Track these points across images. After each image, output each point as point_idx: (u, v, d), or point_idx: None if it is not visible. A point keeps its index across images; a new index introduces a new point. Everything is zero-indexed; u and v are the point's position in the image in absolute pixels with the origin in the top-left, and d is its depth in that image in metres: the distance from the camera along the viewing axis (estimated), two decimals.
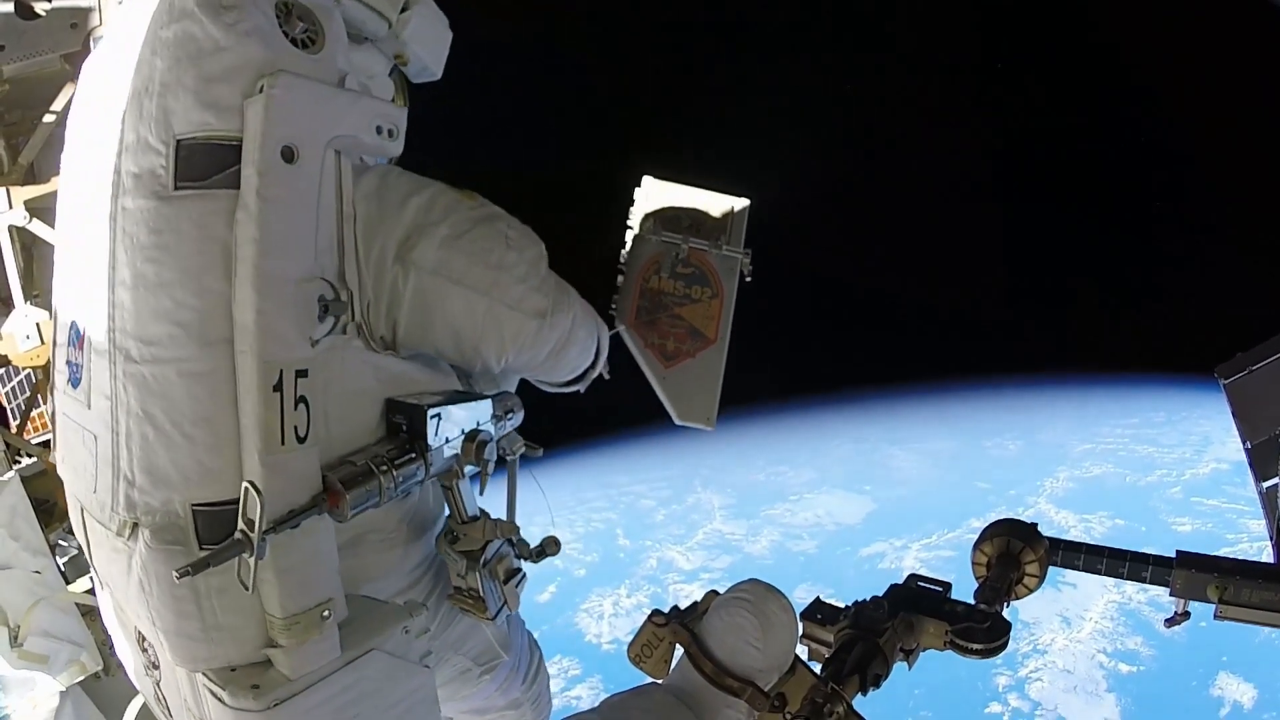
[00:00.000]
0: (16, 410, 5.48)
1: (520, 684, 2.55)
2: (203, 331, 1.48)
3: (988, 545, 2.04)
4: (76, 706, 2.24)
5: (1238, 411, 2.60)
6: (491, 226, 1.89)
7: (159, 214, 1.48)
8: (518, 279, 1.89)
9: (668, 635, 1.74)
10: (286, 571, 1.52)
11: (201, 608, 1.53)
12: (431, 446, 1.79)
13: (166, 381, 1.49)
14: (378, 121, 1.68)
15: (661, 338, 2.14)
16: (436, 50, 2.10)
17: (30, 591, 2.39)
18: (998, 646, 1.69)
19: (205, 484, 1.51)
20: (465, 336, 1.90)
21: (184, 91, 1.47)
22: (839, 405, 62.45)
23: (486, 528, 2.02)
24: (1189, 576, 2.03)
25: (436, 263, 1.80)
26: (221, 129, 1.48)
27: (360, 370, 1.76)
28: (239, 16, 1.46)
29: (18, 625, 2.29)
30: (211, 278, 1.48)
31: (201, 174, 1.48)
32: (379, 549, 1.95)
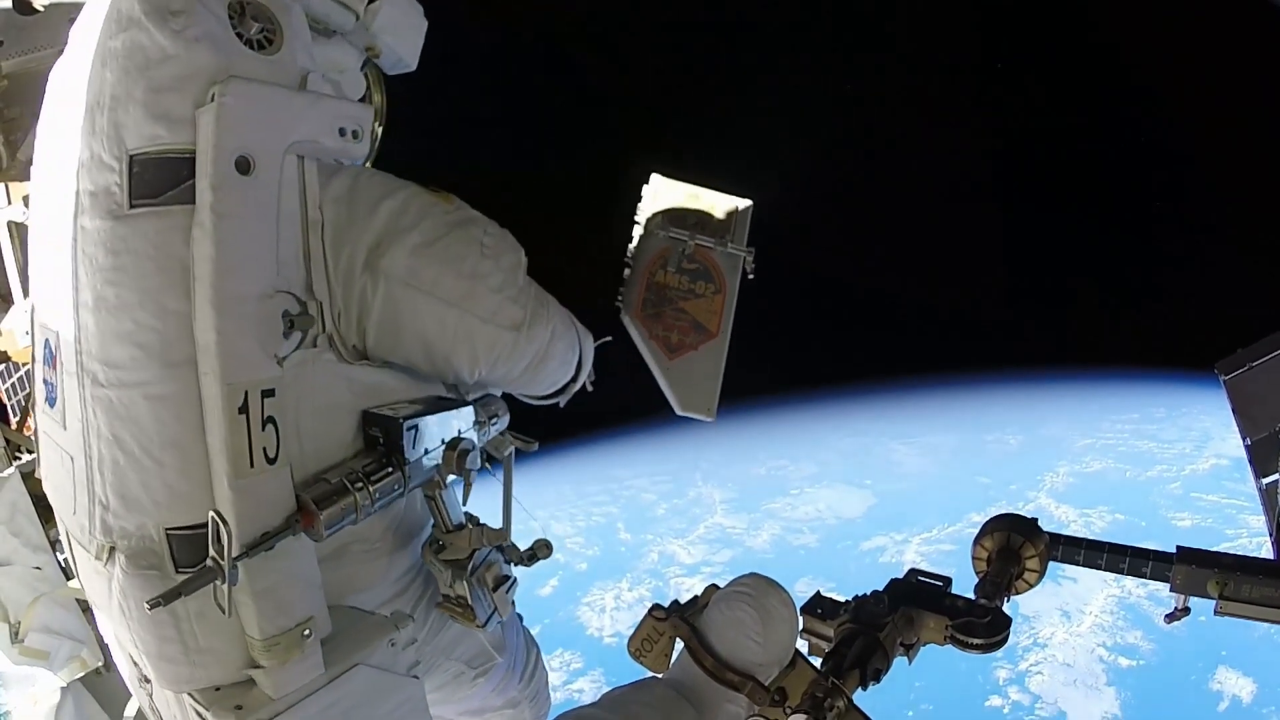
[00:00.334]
0: (16, 406, 5.44)
1: (517, 682, 2.51)
2: (165, 353, 1.43)
3: (988, 540, 2.03)
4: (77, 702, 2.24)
5: (1238, 408, 2.59)
6: (466, 232, 1.80)
7: (115, 234, 1.42)
8: (492, 289, 1.80)
9: (668, 629, 1.73)
10: (263, 594, 1.48)
11: (181, 631, 1.50)
12: (409, 459, 1.71)
13: (133, 405, 1.44)
14: (340, 123, 1.60)
15: (666, 330, 2.18)
16: (410, 41, 2.03)
17: (31, 587, 2.39)
18: (998, 641, 1.67)
19: (177, 508, 1.47)
20: (436, 348, 1.81)
21: (134, 104, 1.39)
22: (839, 401, 62.42)
23: (473, 536, 1.94)
24: (1189, 572, 2.02)
25: (407, 271, 1.72)
26: (174, 142, 1.40)
27: (332, 384, 1.69)
28: (187, 22, 1.39)
29: (18, 621, 2.29)
30: (171, 298, 1.41)
31: (156, 190, 1.41)
32: (363, 559, 1.89)
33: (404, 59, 2.04)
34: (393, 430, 1.69)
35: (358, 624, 1.72)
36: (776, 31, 69.86)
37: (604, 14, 45.79)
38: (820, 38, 67.32)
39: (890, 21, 63.43)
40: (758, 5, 62.17)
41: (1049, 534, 2.05)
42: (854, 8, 57.66)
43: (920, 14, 60.64)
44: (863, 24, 63.95)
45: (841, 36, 65.44)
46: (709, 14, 60.42)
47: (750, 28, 68.82)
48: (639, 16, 50.95)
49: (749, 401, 53.99)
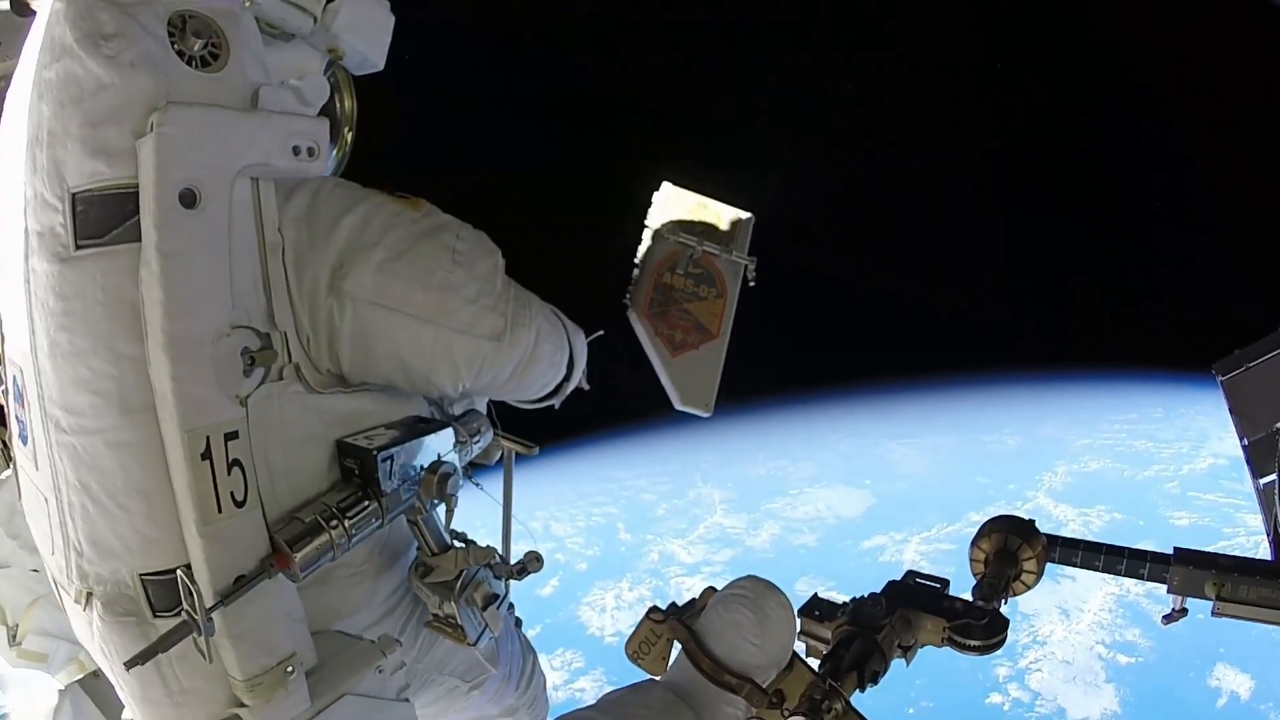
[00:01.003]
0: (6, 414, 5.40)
1: (514, 690, 2.47)
2: (123, 400, 1.36)
3: (985, 542, 2.03)
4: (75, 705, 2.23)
5: (1235, 408, 2.58)
6: (435, 241, 1.71)
7: (63, 278, 1.33)
8: (466, 300, 1.71)
9: (665, 632, 1.72)
10: (241, 637, 1.43)
11: (163, 674, 1.46)
12: (386, 491, 1.64)
13: (96, 452, 1.39)
14: (294, 141, 1.49)
15: (670, 329, 2.25)
16: (375, 39, 1.92)
17: (28, 590, 2.37)
18: (995, 643, 1.67)
19: (150, 553, 1.41)
20: (414, 367, 1.73)
21: (71, 140, 1.30)
22: (838, 401, 62.44)
23: (459, 557, 1.87)
24: (1186, 573, 2.01)
25: (373, 290, 1.62)
26: (115, 177, 1.31)
27: (302, 417, 1.61)
28: (121, 45, 1.28)
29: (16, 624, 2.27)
30: (124, 343, 1.34)
31: (101, 229, 1.32)
32: (349, 584, 1.83)
33: (370, 58, 1.94)
34: (367, 462, 1.62)
35: (344, 652, 1.68)
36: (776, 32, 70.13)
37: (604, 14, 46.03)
38: (820, 38, 67.61)
39: (890, 21, 63.65)
40: (758, 5, 62.51)
41: (1046, 535, 2.04)
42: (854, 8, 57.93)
43: (920, 14, 60.83)
44: (863, 24, 64.24)
45: (841, 36, 65.70)
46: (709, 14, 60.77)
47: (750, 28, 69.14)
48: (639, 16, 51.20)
49: (748, 402, 54.00)
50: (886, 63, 68.94)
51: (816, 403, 62.87)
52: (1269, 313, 2.58)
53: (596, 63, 52.06)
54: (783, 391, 61.53)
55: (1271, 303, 4.33)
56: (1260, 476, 2.43)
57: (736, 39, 67.83)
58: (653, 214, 2.37)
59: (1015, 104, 73.01)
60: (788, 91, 73.93)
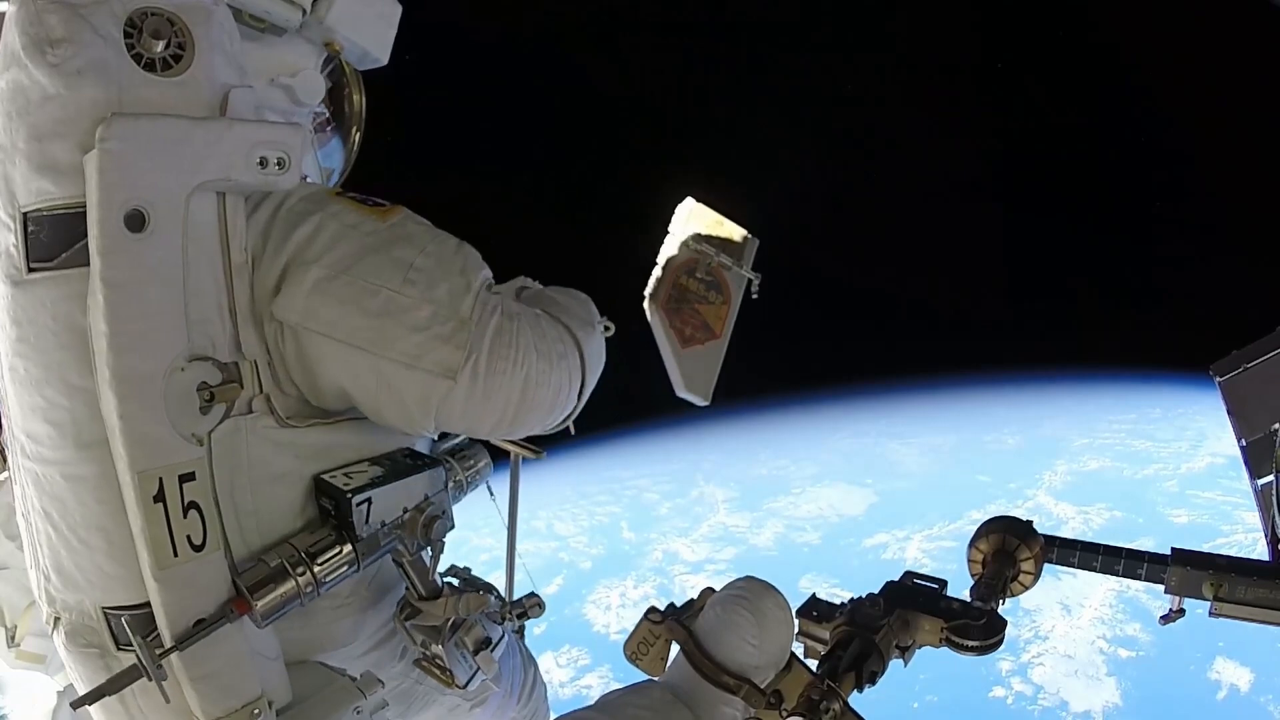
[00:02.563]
0: None
1: (515, 705, 2.40)
2: (77, 434, 1.27)
3: (983, 542, 2.02)
4: None
5: (1232, 409, 2.57)
6: (386, 255, 1.45)
7: (17, 302, 1.26)
8: (412, 327, 1.43)
9: (664, 632, 1.72)
10: (204, 679, 1.33)
11: (127, 706, 1.38)
12: (362, 535, 1.48)
13: (55, 483, 1.31)
14: (261, 151, 1.33)
15: (682, 324, 2.47)
16: (376, 32, 1.76)
17: (27, 591, 2.35)
18: (993, 643, 1.67)
19: (111, 588, 1.33)
20: (361, 401, 1.53)
21: (18, 155, 1.21)
22: (838, 401, 62.35)
23: (449, 604, 1.69)
24: (1184, 574, 2.00)
25: (304, 314, 1.42)
26: (63, 196, 1.20)
27: (274, 454, 1.48)
28: (69, 51, 1.17)
29: (14, 625, 2.26)
30: (75, 374, 1.25)
31: (51, 252, 1.22)
32: (333, 618, 1.70)
33: (370, 53, 1.77)
34: (342, 504, 1.47)
35: (322, 690, 1.58)
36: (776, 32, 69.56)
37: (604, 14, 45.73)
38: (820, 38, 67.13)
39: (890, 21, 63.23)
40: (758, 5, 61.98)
41: (1044, 536, 2.04)
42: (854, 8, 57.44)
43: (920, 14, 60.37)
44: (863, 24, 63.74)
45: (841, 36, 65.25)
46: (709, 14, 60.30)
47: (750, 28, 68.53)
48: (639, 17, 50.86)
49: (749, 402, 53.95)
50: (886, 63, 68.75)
51: (817, 402, 62.77)
52: (1267, 314, 2.57)
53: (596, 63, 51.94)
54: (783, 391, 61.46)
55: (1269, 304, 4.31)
56: (1258, 477, 2.42)
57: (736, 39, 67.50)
58: (676, 223, 2.56)
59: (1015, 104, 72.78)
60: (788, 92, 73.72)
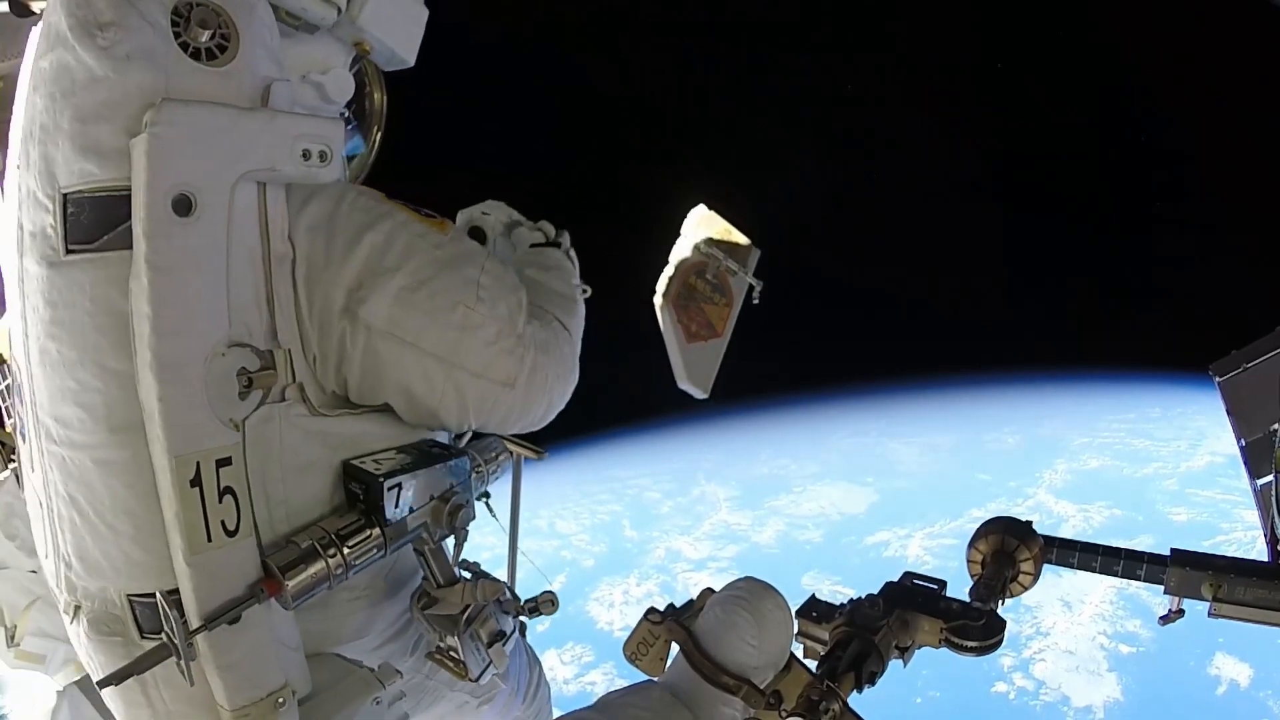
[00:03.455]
0: (10, 410, 5.35)
1: (520, 704, 2.42)
2: (109, 417, 1.26)
3: (982, 543, 2.01)
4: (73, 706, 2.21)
5: (1232, 409, 2.57)
6: (458, 274, 1.56)
7: (52, 283, 1.25)
8: (485, 342, 1.58)
9: (663, 633, 1.71)
10: (229, 668, 1.34)
11: (149, 696, 1.39)
12: (391, 520, 1.52)
13: (84, 468, 1.30)
14: (304, 144, 1.36)
15: (689, 320, 2.62)
16: (406, 34, 1.77)
17: (27, 591, 2.36)
18: (992, 644, 1.65)
19: (137, 575, 1.32)
20: (421, 402, 1.61)
21: (61, 136, 1.21)
22: (838, 401, 62.31)
23: (467, 592, 1.72)
24: (1183, 574, 1.99)
25: (388, 320, 1.50)
26: (107, 178, 1.21)
27: (305, 441, 1.50)
28: (118, 35, 1.18)
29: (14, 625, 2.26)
30: (111, 357, 1.25)
31: (92, 234, 1.22)
32: (350, 609, 1.72)
33: (399, 54, 1.79)
34: (372, 488, 1.50)
35: (341, 680, 1.58)
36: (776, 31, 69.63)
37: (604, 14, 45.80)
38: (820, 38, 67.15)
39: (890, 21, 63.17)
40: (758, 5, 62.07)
41: (1044, 537, 2.03)
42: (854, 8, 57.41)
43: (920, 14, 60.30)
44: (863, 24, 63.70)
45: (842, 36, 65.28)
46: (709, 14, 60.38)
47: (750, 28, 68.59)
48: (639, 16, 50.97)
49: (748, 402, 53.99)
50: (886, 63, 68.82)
51: (816, 402, 62.76)
52: (1267, 314, 2.56)
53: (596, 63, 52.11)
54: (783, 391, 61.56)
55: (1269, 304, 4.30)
56: (1257, 477, 2.41)
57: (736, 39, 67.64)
58: (688, 226, 2.74)
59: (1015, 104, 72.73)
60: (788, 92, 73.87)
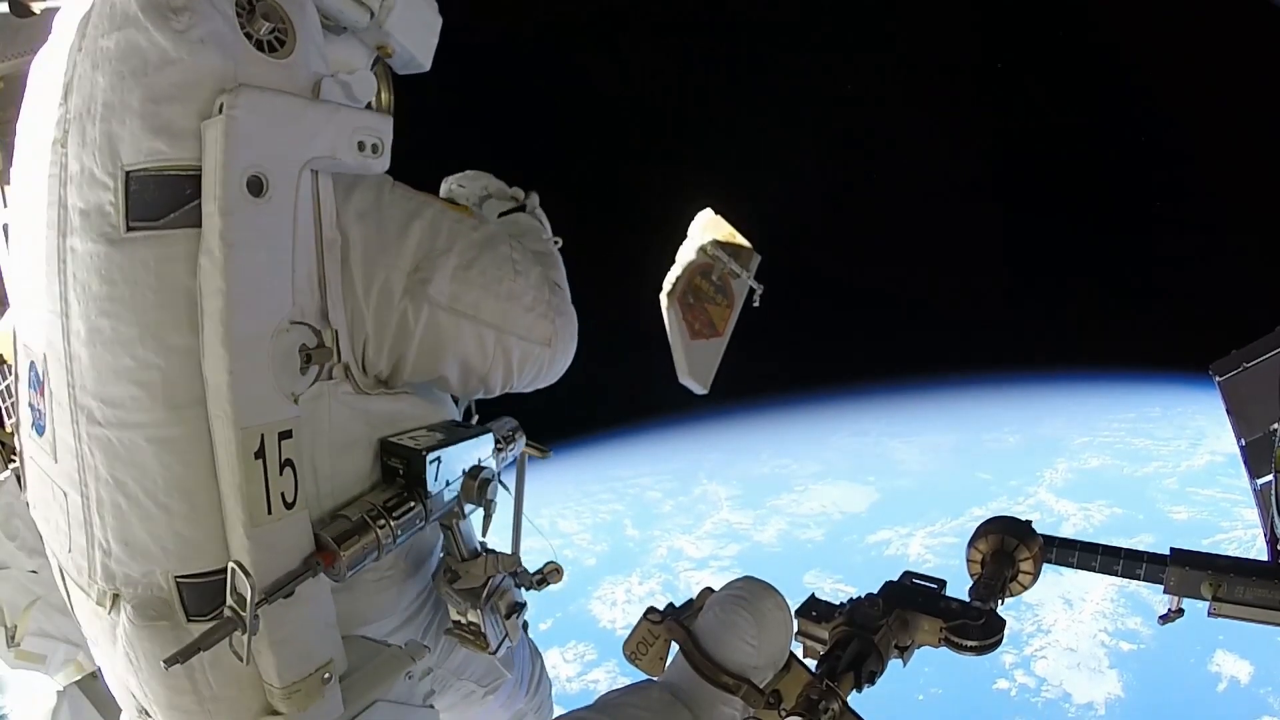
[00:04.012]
0: (10, 409, 5.35)
1: (524, 695, 2.45)
2: (170, 394, 1.27)
3: (982, 542, 2.00)
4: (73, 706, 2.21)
5: (1232, 408, 2.56)
6: (496, 251, 1.74)
7: (110, 260, 1.25)
8: (526, 308, 1.78)
9: (663, 632, 1.71)
10: (282, 643, 1.35)
11: (195, 681, 1.39)
12: (431, 492, 1.61)
13: (135, 448, 1.29)
14: (360, 136, 1.44)
15: (692, 318, 2.70)
16: (424, 40, 1.83)
17: (27, 591, 2.35)
18: (992, 644, 1.65)
19: (187, 556, 1.33)
20: (474, 368, 1.76)
21: (130, 114, 1.22)
22: (839, 401, 62.30)
23: (488, 564, 1.86)
24: (1183, 574, 1.98)
25: (451, 297, 1.64)
26: (176, 158, 1.23)
27: (350, 419, 1.57)
28: (191, 20, 1.22)
29: (14, 625, 2.26)
30: (176, 333, 1.26)
31: (156, 212, 1.24)
32: (375, 590, 1.78)
33: (417, 58, 1.86)
34: (414, 462, 1.59)
35: (373, 658, 1.62)
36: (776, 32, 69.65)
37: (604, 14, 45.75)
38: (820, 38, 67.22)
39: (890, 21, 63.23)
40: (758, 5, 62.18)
41: (1043, 536, 2.01)
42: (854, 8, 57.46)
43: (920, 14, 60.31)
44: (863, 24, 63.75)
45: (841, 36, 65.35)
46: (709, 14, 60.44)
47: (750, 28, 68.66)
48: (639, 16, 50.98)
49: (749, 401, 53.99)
50: (886, 63, 68.82)
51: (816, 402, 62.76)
52: (1266, 314, 2.55)
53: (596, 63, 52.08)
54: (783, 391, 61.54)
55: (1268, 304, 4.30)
56: (1257, 477, 2.40)
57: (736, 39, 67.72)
58: (694, 229, 2.84)
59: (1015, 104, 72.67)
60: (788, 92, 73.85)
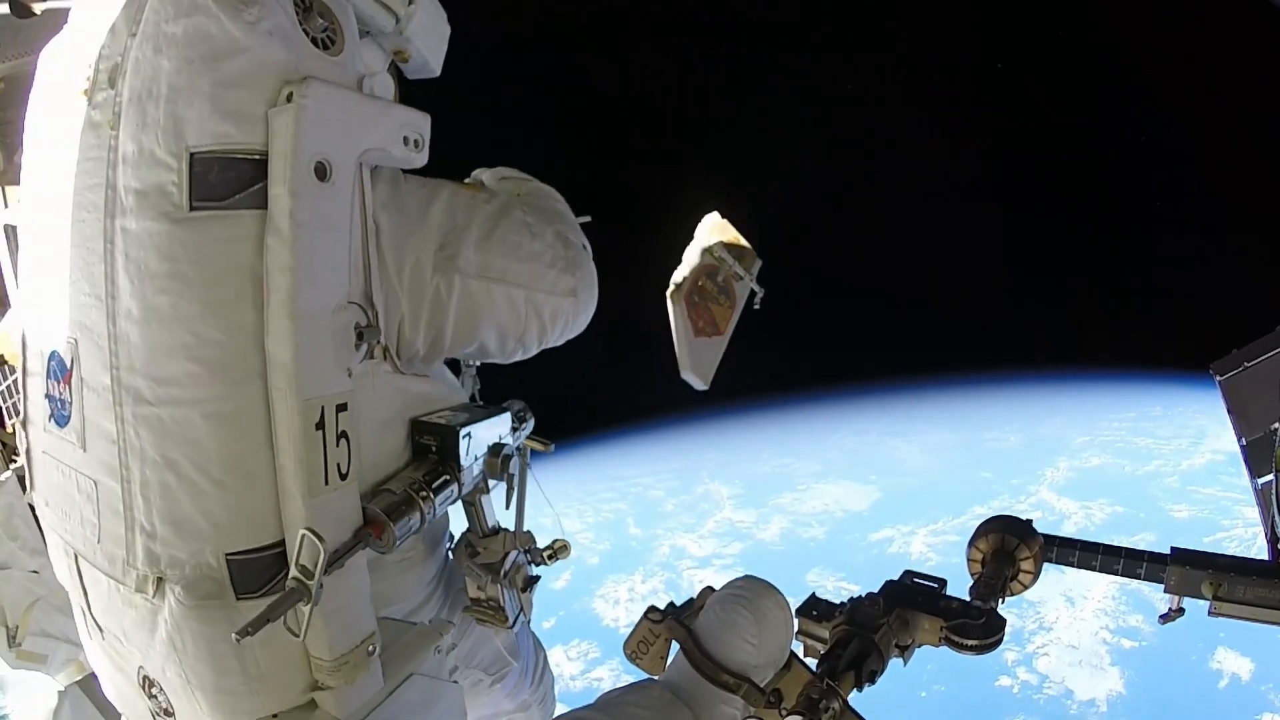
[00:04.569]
0: (12, 409, 5.34)
1: (529, 686, 2.49)
2: (229, 369, 1.29)
3: (982, 542, 1.98)
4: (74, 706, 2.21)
5: (1233, 408, 2.54)
6: (511, 218, 1.84)
7: (172, 238, 1.26)
8: (548, 265, 1.88)
9: (663, 631, 1.70)
10: (334, 614, 1.39)
11: (244, 661, 1.40)
12: (464, 466, 1.70)
13: (188, 424, 1.30)
14: (405, 131, 1.52)
15: (697, 316, 2.77)
16: (437, 46, 1.90)
17: (28, 591, 2.35)
18: (992, 643, 1.63)
19: (239, 532, 1.34)
20: (510, 330, 1.87)
21: (198, 97, 1.25)
22: (839, 401, 62.23)
23: (507, 540, 1.95)
24: (1183, 573, 1.97)
25: (478, 266, 1.75)
26: (243, 141, 1.28)
27: (389, 397, 1.64)
28: (260, 14, 1.27)
29: (15, 625, 2.26)
30: (238, 310, 1.29)
31: (221, 193, 1.27)
32: (398, 571, 1.85)
33: (429, 63, 1.91)
34: (448, 438, 1.68)
35: (404, 635, 1.69)
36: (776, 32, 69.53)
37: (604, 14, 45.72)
38: (820, 38, 67.06)
39: (890, 21, 63.02)
40: (758, 5, 62.07)
41: (1044, 536, 2.00)
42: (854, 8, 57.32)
43: (920, 14, 60.13)
44: (863, 24, 63.58)
45: (841, 36, 65.17)
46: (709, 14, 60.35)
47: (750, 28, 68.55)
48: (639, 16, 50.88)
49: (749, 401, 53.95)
50: (886, 63, 68.63)
51: (817, 402, 62.69)
52: (1266, 313, 2.54)
53: (596, 63, 51.96)
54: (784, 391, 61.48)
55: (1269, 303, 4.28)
56: (1258, 476, 2.39)
57: (736, 39, 67.51)
58: (701, 231, 2.90)
59: (1015, 104, 72.45)
60: (788, 92, 73.69)
